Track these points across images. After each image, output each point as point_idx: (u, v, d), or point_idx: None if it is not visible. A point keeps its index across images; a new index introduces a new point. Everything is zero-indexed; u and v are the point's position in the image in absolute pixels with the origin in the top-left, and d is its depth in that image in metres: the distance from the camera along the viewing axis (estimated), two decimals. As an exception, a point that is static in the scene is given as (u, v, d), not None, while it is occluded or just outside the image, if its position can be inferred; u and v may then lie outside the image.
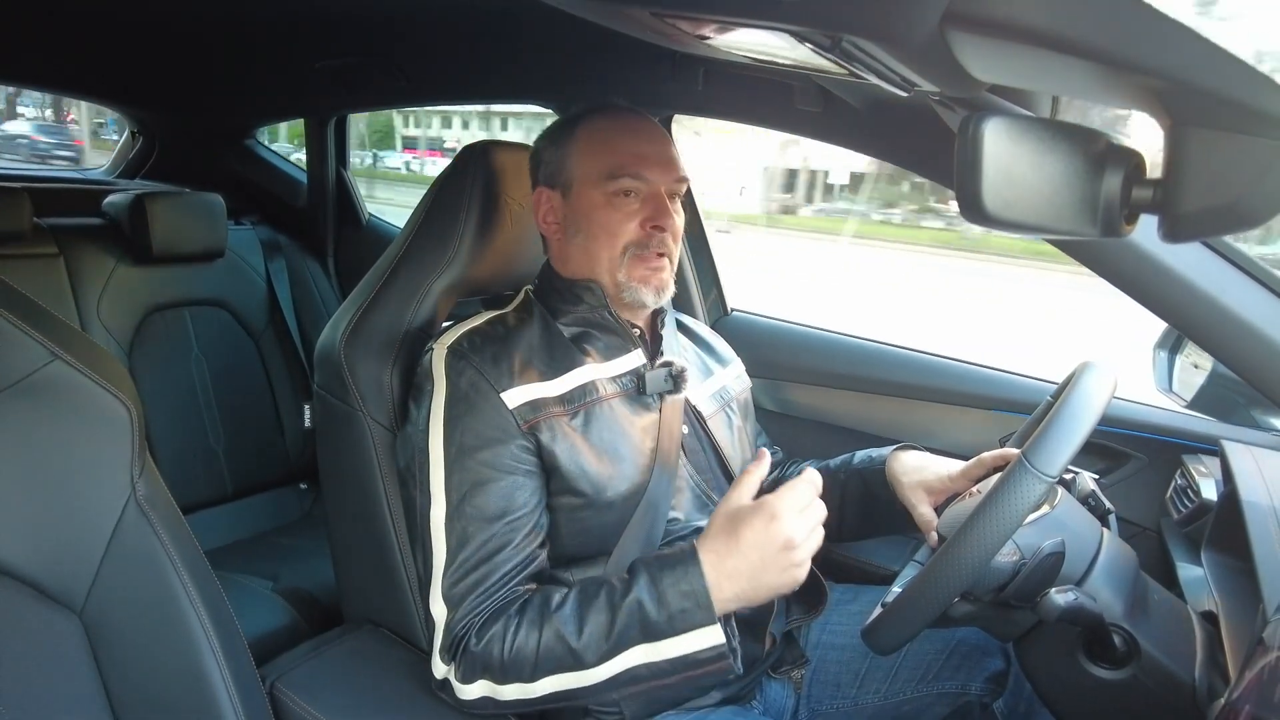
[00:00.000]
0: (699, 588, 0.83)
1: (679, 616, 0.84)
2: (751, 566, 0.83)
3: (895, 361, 1.58)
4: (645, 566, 0.88)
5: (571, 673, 0.87)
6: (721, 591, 0.84)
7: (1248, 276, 1.00)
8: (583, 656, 0.86)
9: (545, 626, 0.88)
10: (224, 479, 1.98)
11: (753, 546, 0.83)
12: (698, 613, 0.83)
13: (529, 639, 0.88)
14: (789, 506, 0.84)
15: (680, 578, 0.84)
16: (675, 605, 0.84)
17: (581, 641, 0.86)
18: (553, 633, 0.87)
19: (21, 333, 0.72)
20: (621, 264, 1.03)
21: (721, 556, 0.84)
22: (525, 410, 0.97)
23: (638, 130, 1.05)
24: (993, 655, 1.11)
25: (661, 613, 0.84)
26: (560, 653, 0.87)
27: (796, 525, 0.83)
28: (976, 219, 0.53)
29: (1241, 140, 0.48)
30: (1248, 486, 0.94)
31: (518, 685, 0.88)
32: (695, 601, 0.83)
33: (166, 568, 0.78)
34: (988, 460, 1.06)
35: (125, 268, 1.92)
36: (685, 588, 0.84)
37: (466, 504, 0.94)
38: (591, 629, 0.86)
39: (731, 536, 0.84)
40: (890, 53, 0.61)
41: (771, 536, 0.83)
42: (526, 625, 0.89)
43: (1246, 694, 0.66)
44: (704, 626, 0.83)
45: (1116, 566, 0.88)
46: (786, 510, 0.83)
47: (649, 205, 1.03)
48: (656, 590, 0.85)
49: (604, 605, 0.87)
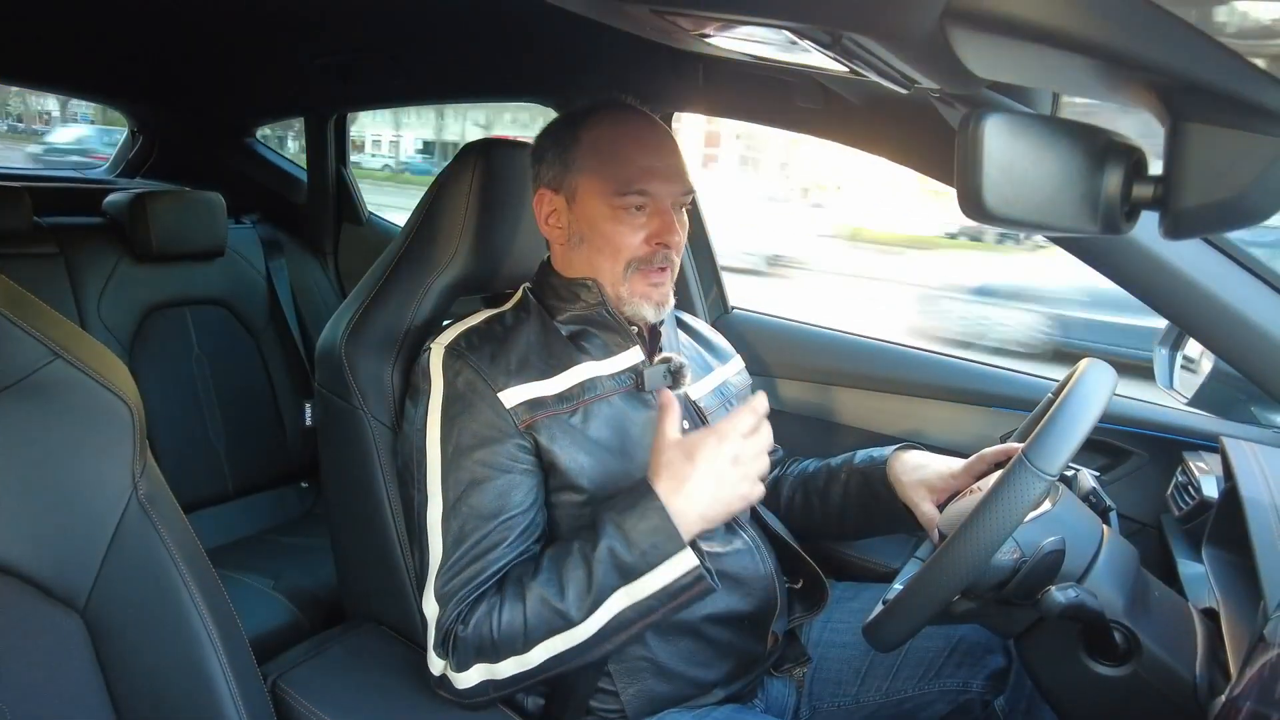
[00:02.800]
0: (662, 519, 0.87)
1: (650, 551, 0.87)
2: (708, 485, 0.88)
3: (896, 359, 1.58)
4: (608, 513, 0.90)
5: (562, 634, 0.89)
6: (685, 516, 0.87)
7: (1249, 273, 1.00)
8: (569, 615, 0.88)
9: (528, 595, 0.89)
10: (225, 477, 1.98)
11: (705, 467, 0.87)
12: (667, 543, 0.87)
13: (515, 611, 0.89)
14: (734, 428, 0.89)
15: (643, 515, 0.87)
16: (645, 542, 0.87)
17: (566, 601, 0.88)
18: (536, 599, 0.89)
19: (22, 331, 0.72)
20: (625, 278, 1.03)
21: (676, 483, 0.88)
22: (523, 409, 0.97)
23: (647, 141, 1.02)
24: (994, 652, 1.12)
25: (633, 552, 0.87)
26: (548, 616, 0.88)
27: (745, 446, 0.89)
28: (977, 216, 0.53)
29: (1242, 136, 0.48)
30: (1248, 483, 0.94)
31: (513, 659, 0.89)
32: (663, 534, 0.87)
33: (168, 566, 0.78)
34: (989, 456, 1.06)
35: (126, 266, 1.92)
36: (649, 524, 0.87)
37: (462, 503, 0.94)
38: (572, 586, 0.88)
39: (684, 462, 0.88)
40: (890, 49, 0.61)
41: (721, 454, 0.88)
42: (510, 599, 0.90)
43: (1247, 690, 0.67)
44: (676, 554, 0.87)
45: (1117, 563, 0.88)
46: (732, 430, 0.89)
47: (656, 220, 1.02)
48: (623, 533, 0.88)
49: (579, 560, 0.89)
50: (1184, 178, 0.50)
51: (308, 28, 1.83)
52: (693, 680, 1.03)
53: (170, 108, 2.45)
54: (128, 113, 2.57)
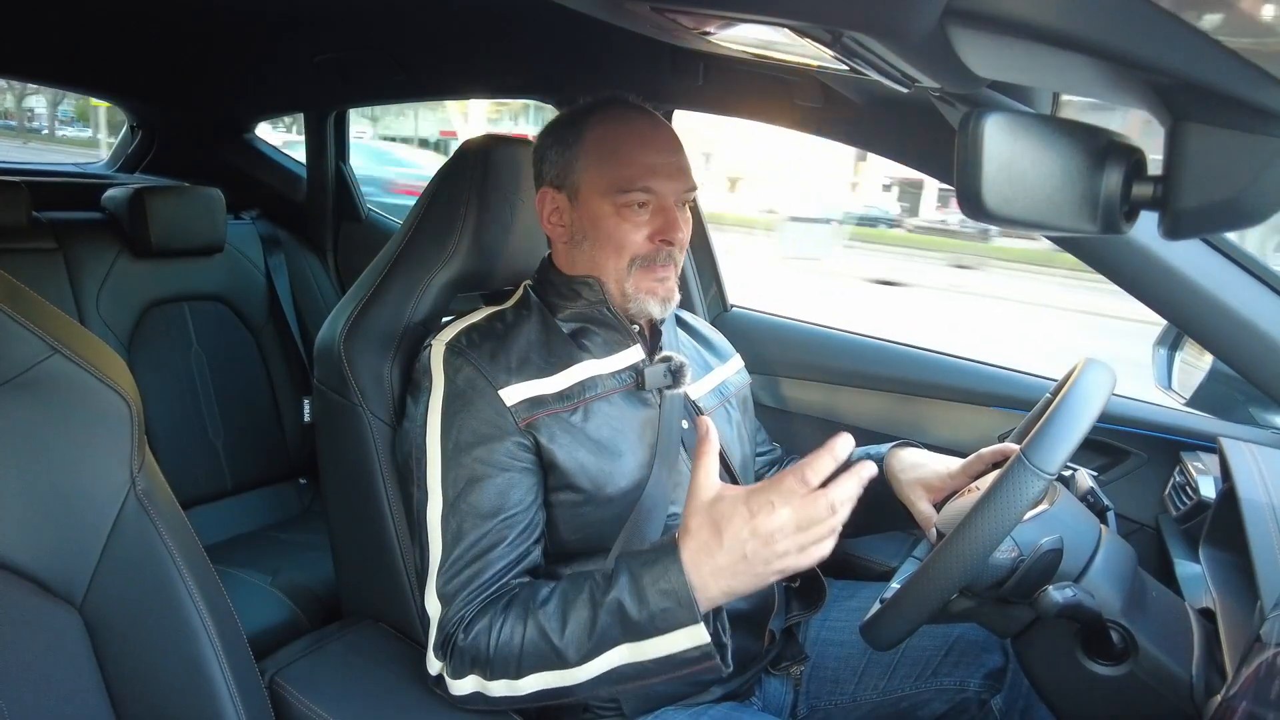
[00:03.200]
0: (679, 585, 0.80)
1: (660, 616, 0.80)
2: (736, 563, 0.79)
3: (894, 358, 1.58)
4: (627, 563, 0.85)
5: (555, 671, 0.86)
6: (708, 589, 0.80)
7: (1247, 274, 1.00)
8: (565, 655, 0.85)
9: (529, 622, 0.87)
10: (223, 474, 1.98)
11: (736, 543, 0.78)
12: (679, 611, 0.80)
13: (514, 635, 0.87)
14: (770, 502, 0.78)
15: (660, 575, 0.81)
16: (656, 604, 0.81)
17: (564, 640, 0.85)
18: (536, 629, 0.86)
19: (21, 327, 0.72)
20: (628, 275, 1.03)
21: (702, 553, 0.80)
22: (523, 407, 0.97)
23: (649, 139, 1.02)
24: (991, 651, 1.12)
25: (642, 612, 0.81)
26: (544, 650, 0.86)
27: (781, 521, 0.77)
28: (977, 215, 0.53)
29: (1242, 137, 0.48)
30: (1246, 484, 0.94)
31: (505, 682, 0.88)
32: (676, 600, 0.80)
33: (166, 562, 0.78)
34: (987, 456, 1.06)
35: (124, 262, 1.91)
36: (665, 586, 0.80)
37: (462, 501, 0.94)
38: (573, 627, 0.85)
39: (712, 534, 0.79)
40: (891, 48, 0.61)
41: (755, 532, 0.77)
42: (512, 620, 0.88)
43: (1243, 690, 0.67)
44: (687, 626, 0.80)
45: (1115, 563, 0.88)
46: (766, 506, 0.78)
47: (659, 218, 1.01)
48: (637, 588, 0.82)
49: (586, 602, 0.85)
50: (1183, 178, 0.50)
51: (308, 24, 1.83)
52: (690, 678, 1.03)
53: (170, 103, 2.44)
54: (127, 108, 2.56)
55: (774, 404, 1.65)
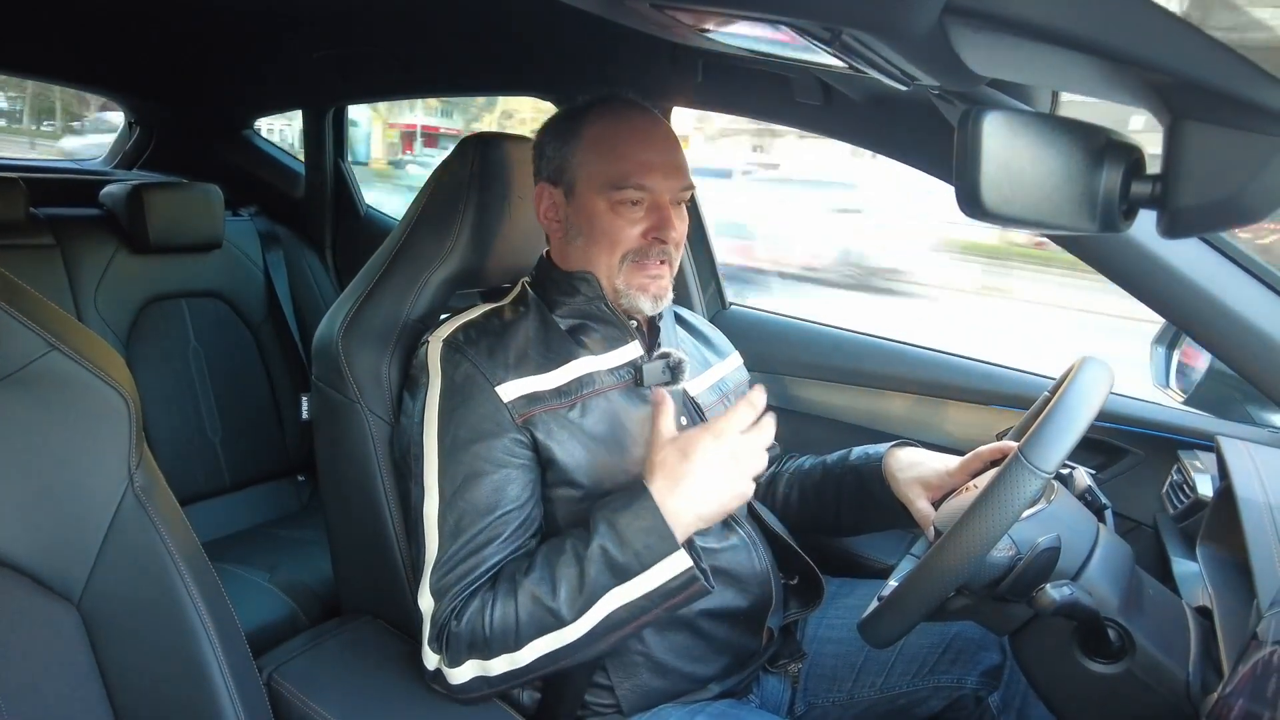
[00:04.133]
0: (656, 520, 0.86)
1: (644, 552, 0.87)
2: (704, 485, 0.88)
3: (892, 356, 1.58)
4: (601, 512, 0.90)
5: (554, 632, 0.89)
6: (680, 516, 0.87)
7: (1246, 273, 1.00)
8: (561, 613, 0.88)
9: (519, 592, 0.89)
10: (221, 471, 1.98)
11: (701, 466, 0.88)
12: (660, 544, 0.86)
13: (507, 608, 0.89)
14: (729, 425, 0.89)
15: (636, 515, 0.87)
16: (638, 542, 0.87)
17: (558, 600, 0.88)
18: (528, 596, 0.89)
19: (19, 323, 0.72)
20: (620, 270, 1.03)
21: (671, 483, 0.88)
22: (520, 404, 0.97)
23: (645, 135, 1.03)
24: (988, 649, 1.12)
25: (626, 552, 0.87)
26: (540, 615, 0.88)
27: (741, 443, 0.89)
28: (975, 214, 0.53)
29: (1241, 136, 0.48)
30: (1243, 482, 0.95)
31: (505, 657, 0.89)
32: (657, 535, 0.86)
33: (164, 559, 0.78)
34: (985, 454, 1.06)
35: (122, 258, 1.91)
36: (643, 523, 0.87)
37: (459, 497, 0.94)
38: (565, 586, 0.88)
39: (680, 460, 0.88)
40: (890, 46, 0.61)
41: (718, 452, 0.88)
42: (502, 596, 0.90)
43: (1240, 688, 0.67)
44: (669, 555, 0.86)
45: (1112, 561, 0.88)
46: (729, 427, 0.89)
47: (652, 215, 1.02)
48: (616, 532, 0.88)
49: (571, 559, 0.89)
50: (1182, 176, 0.50)
51: (307, 20, 1.83)
52: (688, 675, 1.03)
53: (168, 99, 2.44)
54: (125, 104, 2.56)
55: (772, 402, 1.63)
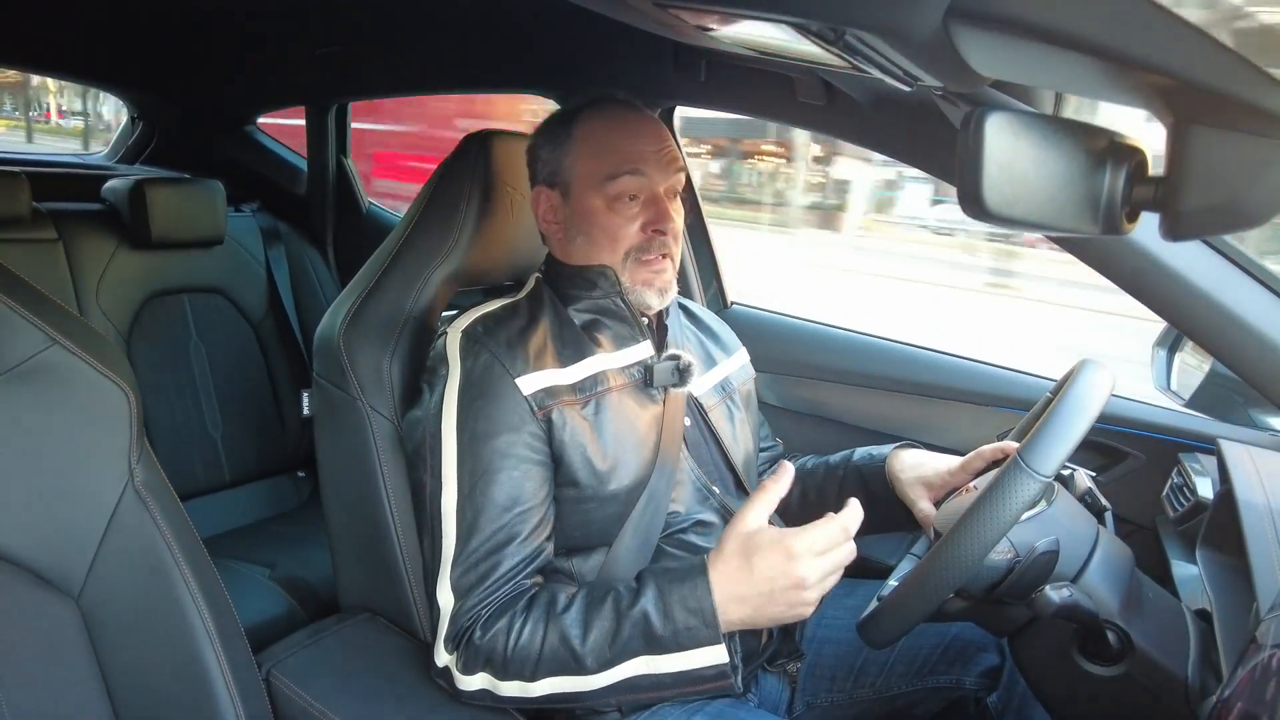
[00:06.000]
0: (706, 606, 0.83)
1: (684, 632, 0.84)
2: (760, 596, 0.83)
3: (895, 357, 1.58)
4: (654, 578, 0.88)
5: (572, 676, 0.87)
6: (728, 613, 0.84)
7: (1247, 276, 1.00)
8: (585, 661, 0.86)
9: (550, 627, 0.88)
10: (222, 466, 1.98)
11: (765, 579, 0.83)
12: (703, 630, 0.84)
13: (534, 638, 0.88)
14: (809, 548, 0.83)
15: (688, 594, 0.84)
16: (681, 621, 0.84)
17: (585, 647, 0.86)
18: (557, 634, 0.87)
19: (20, 318, 0.72)
20: (624, 268, 1.03)
21: (731, 580, 0.84)
22: (540, 396, 0.97)
23: (635, 128, 1.03)
24: (987, 650, 1.12)
25: (667, 627, 0.84)
26: (563, 655, 0.87)
27: (812, 567, 0.82)
28: (978, 215, 0.53)
29: (1244, 139, 0.48)
30: (1244, 486, 0.94)
31: (518, 683, 0.88)
32: (701, 619, 0.84)
33: (164, 554, 0.78)
34: (986, 454, 1.06)
35: (124, 253, 1.91)
36: (693, 604, 0.84)
37: (478, 492, 0.94)
38: (596, 635, 0.86)
39: (744, 562, 0.84)
40: (894, 47, 0.61)
41: (786, 573, 0.82)
42: (532, 623, 0.89)
43: (1239, 691, 0.67)
44: (708, 645, 0.84)
45: (1112, 564, 0.88)
46: (805, 551, 0.83)
47: (649, 208, 1.02)
48: (663, 603, 0.85)
49: (610, 613, 0.87)
50: (1184, 179, 0.50)
51: (310, 16, 1.83)
52: None
53: (170, 95, 2.44)
54: (128, 99, 2.56)
55: (773, 401, 1.65)
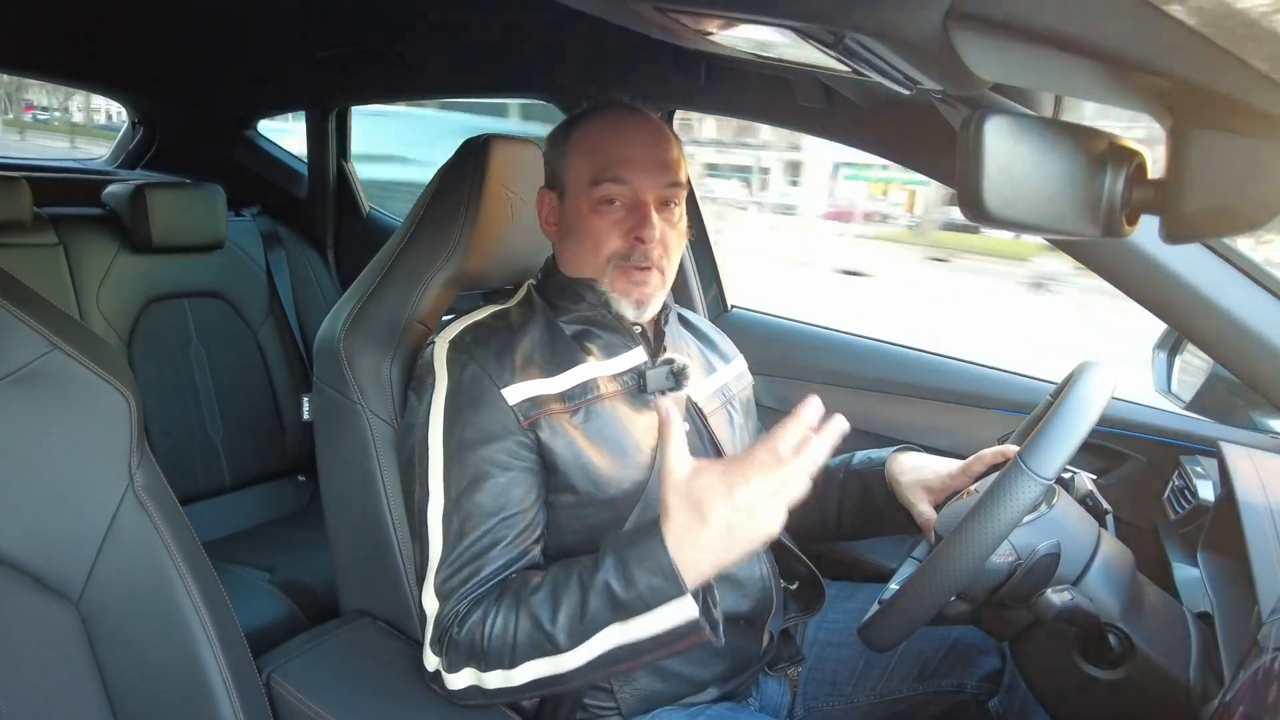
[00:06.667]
0: (665, 563, 0.81)
1: (648, 593, 0.82)
2: (720, 538, 0.81)
3: (895, 360, 1.58)
4: (612, 546, 0.86)
5: (549, 658, 0.86)
6: (696, 566, 0.82)
7: (1248, 279, 1.00)
8: (558, 640, 0.85)
9: (521, 611, 0.87)
10: (222, 470, 1.98)
11: (718, 521, 0.80)
12: (666, 587, 0.82)
13: (507, 625, 0.87)
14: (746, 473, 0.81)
15: (645, 554, 0.83)
16: (643, 583, 0.82)
17: (556, 626, 0.85)
18: (529, 618, 0.87)
19: (21, 322, 0.72)
20: (606, 273, 1.02)
21: (686, 531, 0.81)
22: (526, 406, 0.97)
23: (628, 132, 1.02)
24: (988, 654, 1.12)
25: (630, 591, 0.83)
26: (537, 638, 0.86)
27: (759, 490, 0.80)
28: (977, 218, 0.53)
29: (1244, 142, 0.48)
30: (1245, 488, 0.94)
31: (500, 673, 0.88)
32: (662, 576, 0.82)
33: (164, 558, 0.78)
34: (987, 457, 1.06)
35: (125, 258, 1.91)
36: (651, 564, 0.82)
37: (464, 499, 0.94)
38: (565, 612, 0.85)
39: (692, 513, 0.81)
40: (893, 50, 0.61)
41: (735, 508, 0.80)
42: (504, 611, 0.88)
43: (1241, 695, 0.67)
44: (674, 599, 0.82)
45: (1113, 567, 0.88)
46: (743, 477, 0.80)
47: (633, 215, 1.00)
48: (623, 569, 0.84)
49: (575, 587, 0.86)
50: (1184, 182, 0.50)
51: (311, 21, 1.83)
52: (688, 679, 1.03)
53: (171, 99, 2.45)
54: (128, 104, 2.56)
55: (773, 405, 1.65)
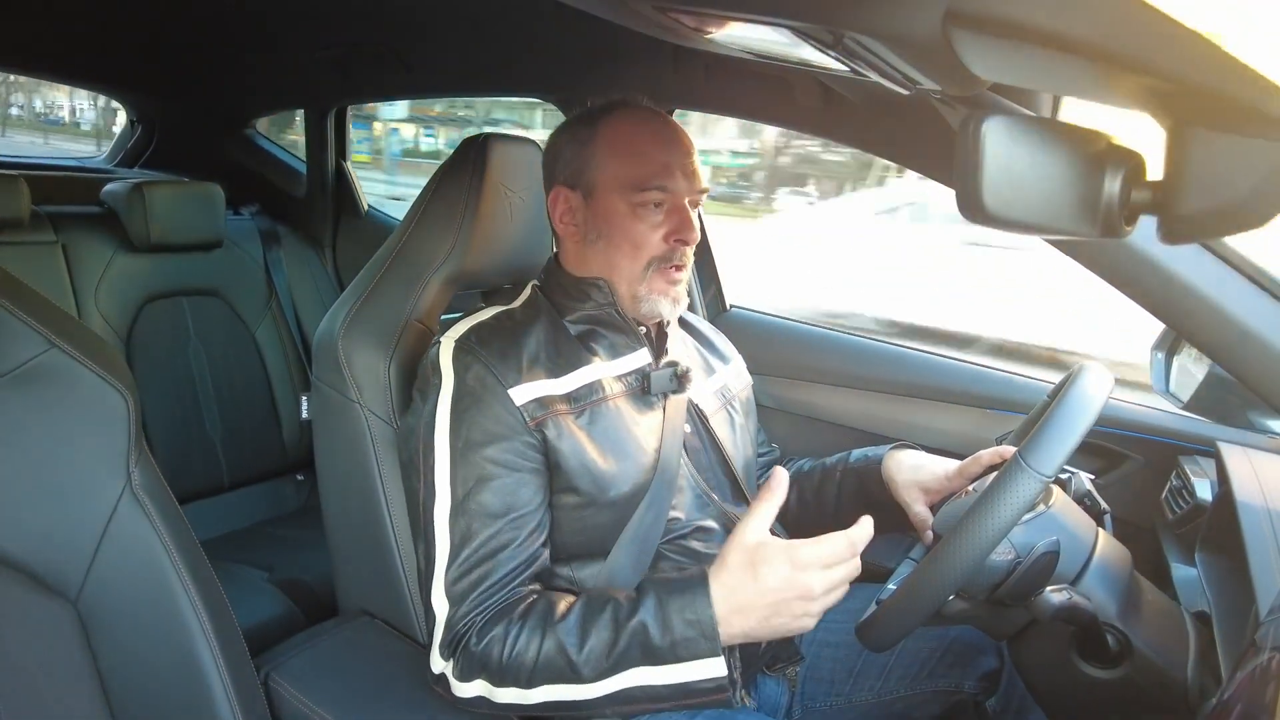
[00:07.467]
0: (705, 618, 0.82)
1: (682, 644, 0.82)
2: (764, 608, 0.82)
3: (893, 359, 1.58)
4: (654, 588, 0.86)
5: (568, 685, 0.86)
6: (729, 626, 0.83)
7: (1246, 279, 1.00)
8: (581, 671, 0.85)
9: (547, 635, 0.87)
10: (220, 469, 1.98)
11: (770, 590, 0.81)
12: (702, 643, 0.82)
13: (529, 646, 0.87)
14: (816, 559, 0.81)
15: (687, 605, 0.83)
16: (680, 632, 0.82)
17: (582, 656, 0.85)
18: (554, 643, 0.86)
19: (19, 321, 0.72)
20: (644, 277, 1.03)
21: (734, 591, 0.82)
22: (532, 407, 0.97)
23: (665, 138, 1.03)
24: (986, 653, 1.12)
25: (665, 638, 0.83)
26: (560, 664, 0.86)
27: (820, 579, 0.81)
28: (976, 218, 0.53)
29: (1242, 142, 0.48)
30: (1242, 488, 0.95)
31: (514, 690, 0.88)
32: (700, 631, 0.82)
33: (162, 557, 0.78)
34: (984, 459, 1.06)
35: (123, 256, 1.91)
36: (691, 616, 0.82)
37: (470, 500, 0.93)
38: (593, 645, 0.85)
39: (748, 573, 0.82)
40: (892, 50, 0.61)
41: (792, 584, 0.81)
42: (528, 631, 0.88)
43: (1238, 694, 0.67)
44: (707, 658, 0.82)
45: (1111, 566, 0.88)
46: (812, 562, 0.81)
47: (673, 218, 1.01)
48: (662, 614, 0.84)
49: (608, 622, 0.86)
50: (1182, 183, 0.50)
51: (310, 19, 1.83)
52: None
53: (169, 98, 2.44)
54: (127, 102, 2.56)
55: (772, 405, 1.65)
